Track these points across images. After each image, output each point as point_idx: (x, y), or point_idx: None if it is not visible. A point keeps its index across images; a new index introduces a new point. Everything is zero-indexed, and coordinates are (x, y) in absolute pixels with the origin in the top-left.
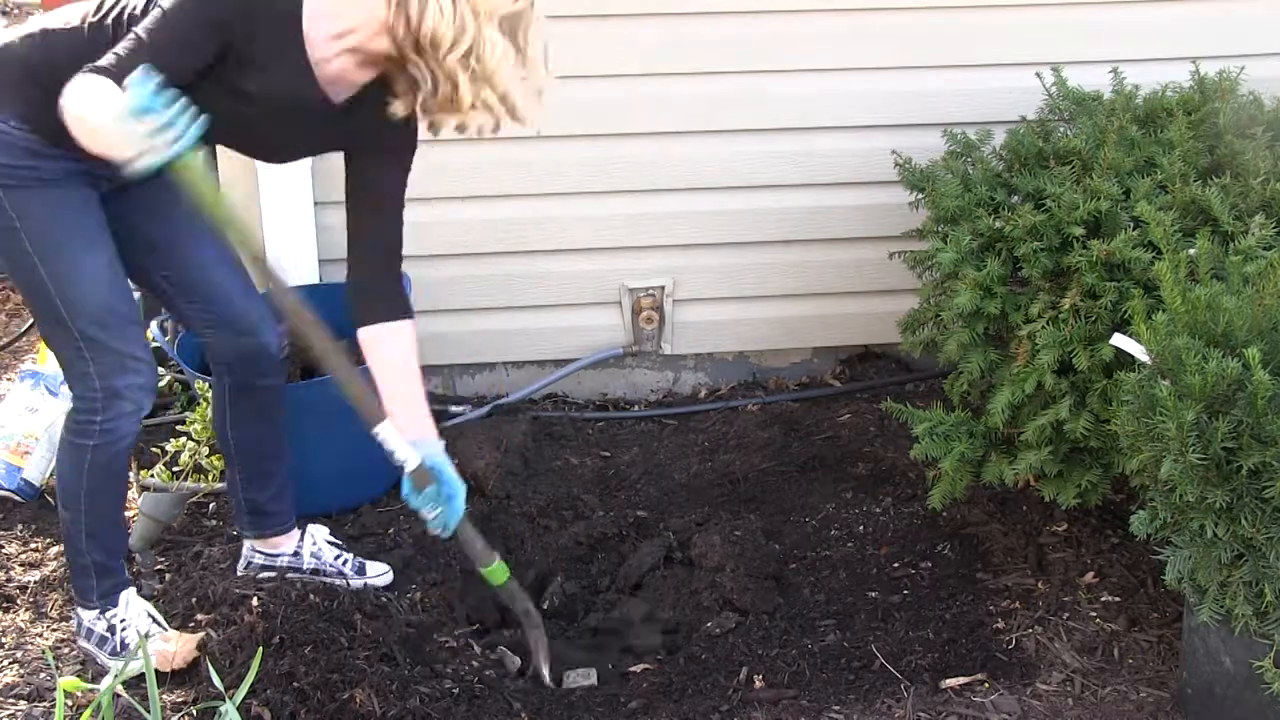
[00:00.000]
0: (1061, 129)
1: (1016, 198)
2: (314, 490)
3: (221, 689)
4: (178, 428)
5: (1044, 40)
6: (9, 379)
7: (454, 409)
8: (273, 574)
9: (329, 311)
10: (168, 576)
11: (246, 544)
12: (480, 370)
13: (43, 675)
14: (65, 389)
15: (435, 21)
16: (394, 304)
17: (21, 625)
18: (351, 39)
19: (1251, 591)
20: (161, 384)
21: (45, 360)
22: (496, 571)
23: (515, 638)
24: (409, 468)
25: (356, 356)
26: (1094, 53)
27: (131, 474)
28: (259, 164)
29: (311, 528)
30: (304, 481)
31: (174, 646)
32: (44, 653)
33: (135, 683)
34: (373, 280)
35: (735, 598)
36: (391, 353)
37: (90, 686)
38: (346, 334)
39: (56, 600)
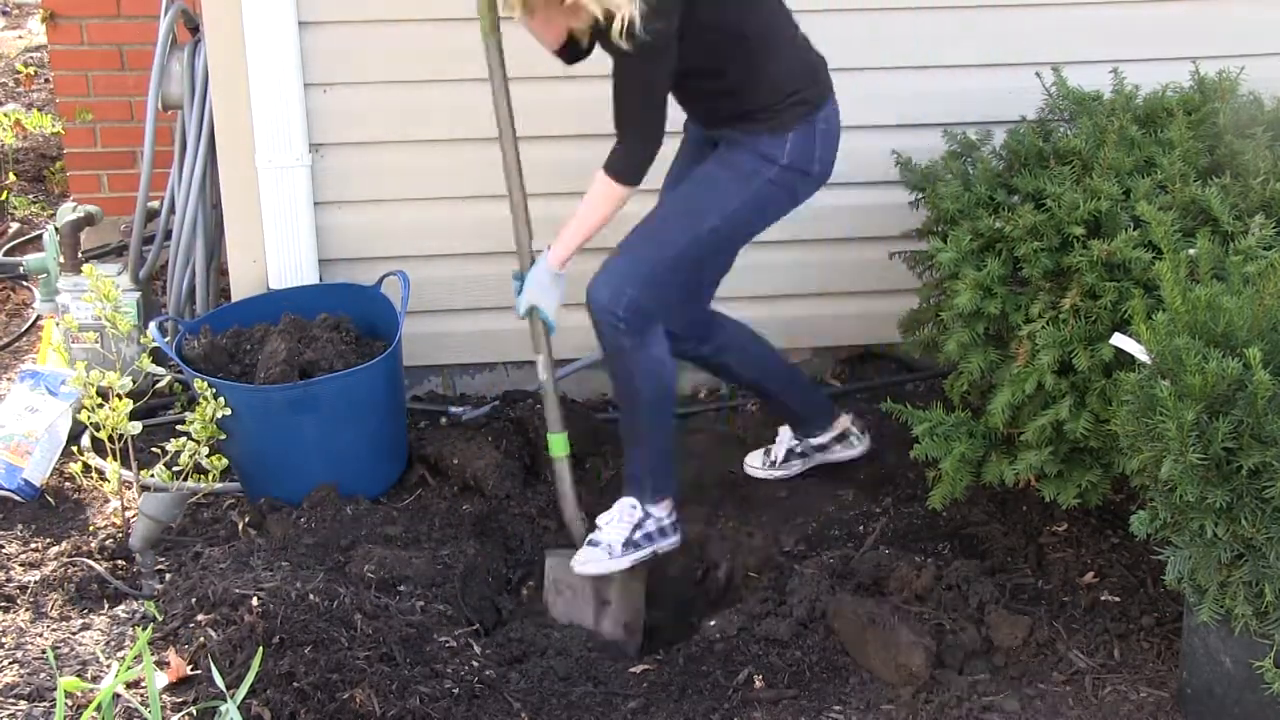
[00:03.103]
0: (1061, 129)
1: (1016, 198)
2: (314, 490)
3: (222, 688)
4: (178, 428)
5: (1044, 40)
6: (9, 379)
7: (453, 410)
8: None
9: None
10: (168, 576)
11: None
12: (480, 370)
13: (43, 675)
14: (65, 389)
15: None
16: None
17: (21, 625)
18: None
19: (1251, 591)
20: (161, 384)
21: (45, 360)
22: (557, 443)
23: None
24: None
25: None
26: (1094, 53)
27: (131, 474)
28: (258, 165)
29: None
30: (303, 481)
31: None
32: (44, 653)
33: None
34: None
35: (735, 598)
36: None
37: (90, 686)
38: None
39: (56, 600)
